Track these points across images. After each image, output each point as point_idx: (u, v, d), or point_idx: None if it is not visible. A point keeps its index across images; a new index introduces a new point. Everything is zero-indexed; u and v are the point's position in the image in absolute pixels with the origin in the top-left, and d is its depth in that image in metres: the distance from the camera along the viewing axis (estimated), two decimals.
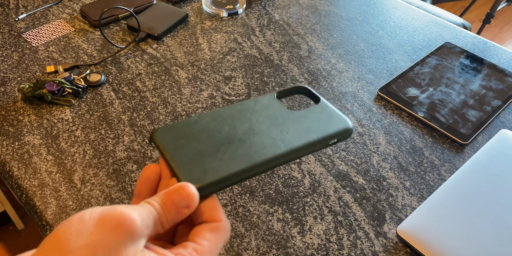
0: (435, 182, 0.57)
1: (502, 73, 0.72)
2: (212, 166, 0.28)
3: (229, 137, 0.30)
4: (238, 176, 0.28)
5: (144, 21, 0.79)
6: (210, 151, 0.30)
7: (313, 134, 0.31)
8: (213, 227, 0.27)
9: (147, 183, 0.29)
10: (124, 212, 0.24)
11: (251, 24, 0.82)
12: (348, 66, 0.74)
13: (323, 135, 0.31)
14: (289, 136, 0.31)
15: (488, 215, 0.50)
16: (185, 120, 0.32)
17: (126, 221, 0.23)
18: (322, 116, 0.33)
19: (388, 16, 0.86)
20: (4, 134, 0.61)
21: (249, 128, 0.31)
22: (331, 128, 0.31)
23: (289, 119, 0.32)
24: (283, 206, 0.54)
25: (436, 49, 0.76)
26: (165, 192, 0.26)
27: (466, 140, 0.61)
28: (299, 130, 0.31)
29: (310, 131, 0.31)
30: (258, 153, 0.29)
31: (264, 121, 0.32)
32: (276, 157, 0.29)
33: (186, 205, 0.26)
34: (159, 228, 0.26)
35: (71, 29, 0.79)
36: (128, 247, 0.23)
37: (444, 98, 0.67)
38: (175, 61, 0.74)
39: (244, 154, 0.29)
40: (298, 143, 0.30)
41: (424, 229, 0.49)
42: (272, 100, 0.34)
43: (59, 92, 0.66)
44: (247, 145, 0.30)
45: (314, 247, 0.50)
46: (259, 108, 0.33)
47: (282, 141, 0.30)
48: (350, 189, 0.56)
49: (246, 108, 0.33)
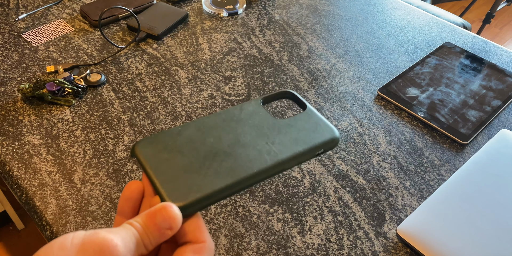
0: (435, 182, 0.57)
1: (502, 73, 0.72)
2: (196, 183, 0.27)
3: (213, 150, 0.30)
4: (223, 192, 0.27)
5: (144, 21, 0.79)
6: (194, 166, 0.29)
7: (299, 145, 0.30)
8: (196, 249, 0.26)
9: (130, 201, 0.29)
10: (107, 238, 0.23)
11: (251, 24, 0.82)
12: (348, 66, 0.74)
13: (309, 146, 0.30)
14: (275, 148, 0.30)
15: (488, 215, 0.50)
16: (168, 130, 0.31)
17: (108, 247, 0.23)
18: (308, 125, 0.32)
19: (388, 16, 0.86)
20: (4, 134, 0.61)
21: (234, 139, 0.30)
22: (318, 139, 0.31)
23: (274, 129, 0.31)
24: (283, 206, 0.54)
25: (436, 49, 0.76)
26: (147, 213, 0.26)
27: (466, 140, 0.61)
28: (285, 141, 0.30)
29: (296, 142, 0.30)
30: (244, 167, 0.28)
31: (250, 131, 0.31)
32: (262, 171, 0.28)
33: (168, 227, 0.25)
34: (142, 250, 0.25)
35: (71, 29, 0.79)
36: None
37: (444, 98, 0.67)
38: (175, 61, 0.74)
39: (229, 168, 0.28)
40: (284, 155, 0.29)
41: (424, 229, 0.49)
42: (258, 107, 0.33)
43: (59, 92, 0.66)
44: (232, 158, 0.29)
45: (314, 247, 0.50)
46: (245, 117, 0.32)
47: (268, 154, 0.29)
48: (350, 189, 0.56)
49: (231, 116, 0.32)
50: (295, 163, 0.30)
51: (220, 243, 0.51)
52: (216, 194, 0.27)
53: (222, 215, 0.53)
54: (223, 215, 0.53)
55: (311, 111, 0.33)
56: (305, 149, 0.30)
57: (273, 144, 0.30)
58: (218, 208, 0.54)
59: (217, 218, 0.53)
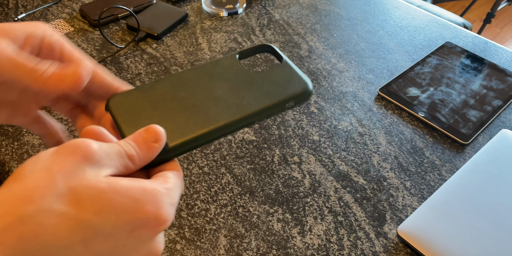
0: (436, 182, 0.57)
1: (503, 73, 0.72)
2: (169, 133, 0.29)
3: (185, 104, 0.30)
4: (192, 143, 0.29)
5: (144, 21, 0.79)
6: (165, 119, 0.30)
7: (269, 98, 0.30)
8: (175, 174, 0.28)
9: None
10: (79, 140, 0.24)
11: (251, 24, 0.82)
12: (349, 66, 0.74)
13: (279, 99, 0.30)
14: (245, 101, 0.30)
15: (489, 215, 0.50)
16: (142, 85, 0.31)
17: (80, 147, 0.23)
18: (281, 77, 0.32)
19: (388, 15, 0.86)
20: (4, 134, 0.61)
21: (206, 93, 0.31)
22: (288, 91, 0.31)
23: (247, 82, 0.31)
24: (283, 206, 0.54)
25: (437, 48, 0.76)
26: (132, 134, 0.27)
27: (466, 140, 0.61)
28: (255, 94, 0.31)
29: (267, 95, 0.30)
30: (212, 120, 0.29)
31: (222, 85, 0.31)
32: (230, 124, 0.29)
33: (154, 140, 0.26)
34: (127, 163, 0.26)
35: (70, 29, 0.79)
36: (87, 170, 0.23)
37: (444, 98, 0.67)
38: (174, 60, 0.74)
39: (198, 121, 0.29)
40: (253, 108, 0.30)
41: (425, 229, 0.49)
42: (233, 61, 0.33)
43: None
44: (202, 112, 0.30)
45: (314, 247, 0.50)
46: (219, 71, 0.32)
47: (237, 107, 0.30)
48: (350, 189, 0.56)
49: (205, 71, 0.32)
50: (264, 115, 0.30)
51: (220, 243, 0.50)
52: (185, 145, 0.28)
53: (222, 215, 0.53)
54: (223, 215, 0.53)
55: (286, 63, 0.33)
56: (275, 102, 0.30)
57: (243, 98, 0.30)
58: (218, 208, 0.54)
59: (217, 218, 0.53)
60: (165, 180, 0.26)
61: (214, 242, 0.50)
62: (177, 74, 0.32)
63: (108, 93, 0.32)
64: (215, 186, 0.56)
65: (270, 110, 0.30)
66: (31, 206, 0.21)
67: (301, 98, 0.31)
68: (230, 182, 0.56)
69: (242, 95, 0.31)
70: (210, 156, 0.59)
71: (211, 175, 0.57)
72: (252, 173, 0.57)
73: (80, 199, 0.22)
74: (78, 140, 0.24)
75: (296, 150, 0.60)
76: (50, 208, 0.21)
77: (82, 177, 0.22)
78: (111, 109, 0.30)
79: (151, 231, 0.24)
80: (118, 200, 0.23)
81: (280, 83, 0.31)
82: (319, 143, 0.61)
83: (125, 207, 0.23)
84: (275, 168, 0.58)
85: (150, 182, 0.25)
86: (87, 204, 0.22)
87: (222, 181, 0.57)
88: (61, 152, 0.23)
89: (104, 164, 0.24)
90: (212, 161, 0.59)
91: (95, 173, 0.23)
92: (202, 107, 0.30)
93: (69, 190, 0.22)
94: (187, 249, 0.50)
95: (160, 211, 0.24)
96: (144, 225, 0.23)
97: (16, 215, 0.21)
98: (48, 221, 0.21)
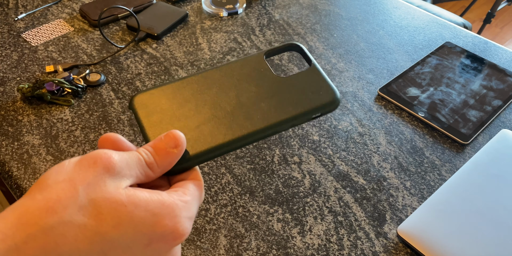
0: (436, 182, 0.57)
1: (503, 73, 0.72)
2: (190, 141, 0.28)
3: (210, 108, 0.30)
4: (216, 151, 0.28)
5: (144, 21, 0.79)
6: (189, 123, 0.29)
7: (296, 108, 0.29)
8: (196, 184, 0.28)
9: None
10: (100, 151, 0.24)
11: (251, 24, 0.82)
12: (349, 66, 0.74)
13: (306, 109, 0.29)
14: (271, 110, 0.29)
15: (489, 215, 0.50)
16: (168, 85, 0.30)
17: (101, 159, 0.24)
18: (309, 85, 0.30)
19: (388, 15, 0.86)
20: (4, 134, 0.61)
21: (231, 97, 0.30)
22: (316, 102, 0.29)
23: (274, 88, 0.30)
24: (283, 206, 0.54)
25: (437, 48, 0.76)
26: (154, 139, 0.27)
27: (466, 140, 0.61)
28: (282, 102, 0.30)
29: (294, 104, 0.29)
30: (239, 127, 0.29)
31: (248, 89, 0.30)
32: (255, 132, 0.29)
33: (174, 145, 0.26)
34: (147, 171, 0.26)
35: (70, 29, 0.79)
36: (108, 182, 0.23)
37: (444, 98, 0.67)
38: (174, 60, 0.74)
39: (223, 128, 0.29)
40: (278, 118, 0.29)
41: (425, 229, 0.49)
42: (260, 61, 0.32)
43: (59, 92, 0.65)
44: (228, 118, 0.29)
45: (314, 247, 0.50)
46: (246, 72, 0.31)
47: (262, 116, 0.29)
48: (350, 189, 0.56)
49: (232, 71, 0.31)
50: (289, 125, 0.29)
51: (220, 243, 0.50)
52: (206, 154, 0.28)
53: (222, 215, 0.53)
54: (223, 215, 0.53)
55: (315, 69, 0.31)
56: (301, 112, 0.29)
57: (269, 105, 0.30)
58: (218, 208, 0.54)
59: (217, 218, 0.53)
60: (184, 192, 0.26)
61: (214, 242, 0.50)
62: (204, 72, 0.31)
63: None
64: (215, 186, 0.56)
65: (296, 120, 0.29)
66: (53, 217, 0.22)
67: (328, 108, 0.30)
68: (230, 182, 0.56)
69: (268, 102, 0.30)
70: None
71: (211, 175, 0.57)
72: (252, 173, 0.57)
73: (100, 212, 0.22)
74: (100, 151, 0.24)
75: (296, 150, 0.60)
76: (72, 219, 0.22)
77: (103, 189, 0.23)
78: (135, 108, 0.29)
79: (168, 244, 0.24)
80: (137, 214, 0.23)
81: (308, 91, 0.30)
82: (319, 143, 0.61)
83: (143, 220, 0.23)
84: (275, 168, 0.58)
85: (169, 195, 0.25)
86: (107, 217, 0.22)
87: (222, 181, 0.57)
88: (83, 163, 0.24)
89: (124, 174, 0.24)
90: (212, 161, 0.59)
91: (116, 185, 0.24)
92: (227, 114, 0.29)
93: (90, 202, 0.22)
94: (187, 249, 0.50)
95: (177, 225, 0.24)
96: (161, 238, 0.24)
97: (39, 225, 0.21)
98: (69, 232, 0.22)
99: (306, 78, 0.31)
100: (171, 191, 0.26)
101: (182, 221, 0.25)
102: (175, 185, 0.27)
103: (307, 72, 0.31)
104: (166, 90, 0.30)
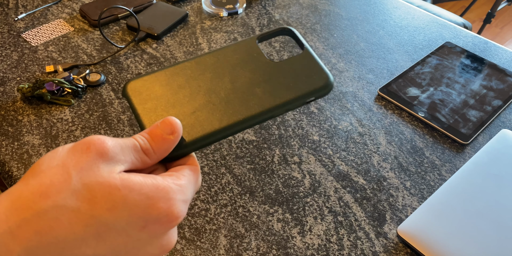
0: (436, 182, 0.57)
1: (503, 73, 0.72)
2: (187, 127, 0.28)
3: (206, 94, 0.29)
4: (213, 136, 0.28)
5: (144, 21, 0.79)
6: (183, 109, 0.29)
7: (290, 92, 0.29)
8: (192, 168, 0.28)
9: None
10: (94, 137, 0.24)
11: (251, 24, 0.82)
12: (349, 66, 0.74)
13: (300, 94, 0.29)
14: (265, 94, 0.29)
15: (489, 215, 0.50)
16: (162, 70, 0.30)
17: (95, 144, 0.24)
18: (302, 69, 0.30)
19: (388, 15, 0.86)
20: (4, 134, 0.61)
21: (224, 83, 0.30)
22: (310, 86, 0.30)
23: (267, 72, 0.30)
24: (283, 206, 0.54)
25: (437, 48, 0.76)
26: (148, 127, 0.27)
27: (466, 140, 0.61)
28: (276, 87, 0.30)
29: (288, 89, 0.29)
30: (233, 113, 0.29)
31: (241, 74, 0.30)
32: (248, 118, 0.29)
33: (170, 132, 0.26)
34: (143, 157, 0.26)
35: (70, 29, 0.79)
36: (101, 167, 0.23)
37: (444, 98, 0.67)
38: (174, 60, 0.74)
39: (218, 114, 0.29)
40: (273, 103, 0.29)
41: (425, 229, 0.49)
42: (253, 46, 0.32)
43: (59, 92, 0.65)
44: (222, 104, 0.29)
45: (314, 247, 0.50)
46: (239, 57, 0.31)
47: (257, 101, 0.29)
48: (350, 189, 0.56)
49: (225, 56, 0.31)
50: (284, 110, 0.29)
51: (220, 244, 0.50)
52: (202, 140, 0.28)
53: (222, 215, 0.53)
54: (223, 215, 0.53)
55: (308, 53, 0.31)
56: (295, 96, 0.29)
57: (263, 90, 0.30)
58: (218, 208, 0.54)
59: (217, 218, 0.53)
60: (179, 176, 0.26)
61: (214, 242, 0.50)
62: (197, 58, 0.31)
63: None
64: (215, 186, 0.56)
65: (290, 105, 0.29)
66: (47, 201, 0.22)
67: (322, 92, 0.30)
68: (230, 182, 0.56)
69: (262, 87, 0.30)
70: (210, 156, 0.59)
71: (211, 175, 0.57)
72: (252, 173, 0.57)
73: (94, 195, 0.23)
74: (93, 137, 0.24)
75: (296, 150, 0.60)
76: (65, 203, 0.22)
77: (97, 174, 0.23)
78: (129, 96, 0.29)
79: (163, 227, 0.25)
80: (131, 197, 0.23)
81: (301, 75, 0.30)
82: (319, 143, 0.61)
83: (138, 204, 0.23)
84: (275, 168, 0.58)
85: (163, 179, 0.25)
86: (101, 201, 0.23)
87: (222, 181, 0.57)
88: (77, 148, 0.24)
89: (118, 160, 0.24)
90: (212, 161, 0.59)
91: (109, 169, 0.24)
92: (221, 99, 0.29)
93: (84, 186, 0.23)
94: (187, 249, 0.50)
95: (172, 208, 0.24)
96: (156, 221, 0.24)
97: (33, 209, 0.22)
98: (63, 216, 0.22)
99: (299, 62, 0.31)
100: (166, 175, 0.26)
101: (177, 204, 0.25)
102: (170, 170, 0.27)
103: (300, 57, 0.31)
104: (159, 76, 0.30)
